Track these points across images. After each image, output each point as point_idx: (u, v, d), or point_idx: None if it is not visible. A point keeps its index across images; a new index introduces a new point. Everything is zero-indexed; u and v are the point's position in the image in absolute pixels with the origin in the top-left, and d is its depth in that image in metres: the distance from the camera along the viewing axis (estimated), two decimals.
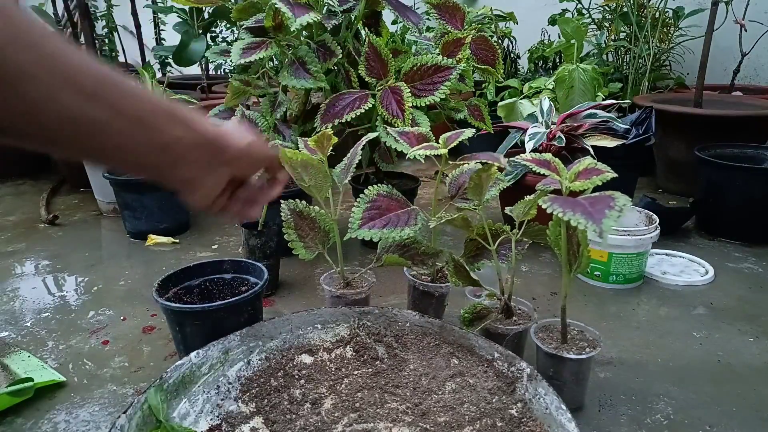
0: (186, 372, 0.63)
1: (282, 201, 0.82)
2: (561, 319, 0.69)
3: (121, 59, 2.62)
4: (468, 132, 0.77)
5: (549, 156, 0.65)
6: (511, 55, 2.44)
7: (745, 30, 1.76)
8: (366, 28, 1.09)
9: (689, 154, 1.37)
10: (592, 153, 1.15)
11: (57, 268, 1.17)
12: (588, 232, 0.51)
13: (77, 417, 0.71)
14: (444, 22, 1.09)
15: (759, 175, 1.22)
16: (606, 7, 2.05)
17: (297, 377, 0.67)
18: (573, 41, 1.77)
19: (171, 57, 1.75)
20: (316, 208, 0.82)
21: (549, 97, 1.40)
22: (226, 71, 2.71)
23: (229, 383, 0.65)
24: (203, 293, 0.84)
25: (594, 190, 0.57)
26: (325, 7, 1.01)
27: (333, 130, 0.82)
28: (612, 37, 2.04)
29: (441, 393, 0.64)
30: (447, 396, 0.63)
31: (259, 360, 0.69)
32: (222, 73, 2.74)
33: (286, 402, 0.63)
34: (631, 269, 1.03)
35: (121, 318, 0.96)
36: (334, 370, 0.68)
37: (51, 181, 1.76)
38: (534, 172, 0.65)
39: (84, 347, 0.87)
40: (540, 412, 0.59)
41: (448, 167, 0.80)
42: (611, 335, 0.89)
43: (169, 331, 0.82)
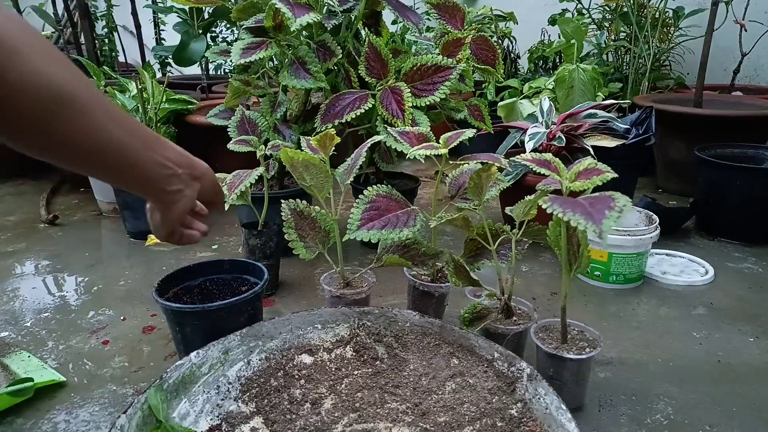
0: (186, 372, 0.63)
1: (282, 201, 0.82)
2: (561, 319, 0.69)
3: (121, 59, 2.63)
4: (468, 132, 0.77)
5: (549, 156, 0.65)
6: (511, 55, 2.44)
7: (745, 30, 1.76)
8: (366, 28, 1.09)
9: (689, 154, 1.37)
10: (592, 153, 1.15)
11: (57, 268, 1.17)
12: (588, 232, 0.51)
13: (77, 417, 0.71)
14: (444, 22, 1.09)
15: (759, 175, 1.22)
16: (606, 7, 2.05)
17: (297, 377, 0.67)
18: (573, 41, 1.77)
19: (171, 57, 1.75)
20: (316, 208, 0.82)
21: (549, 97, 1.40)
22: (226, 71, 2.71)
23: (229, 383, 0.65)
24: (203, 293, 0.84)
25: (594, 190, 0.57)
26: (325, 7, 1.01)
27: (333, 130, 0.82)
28: (612, 37, 2.04)
29: (441, 393, 0.64)
30: (447, 396, 0.63)
31: (259, 360, 0.69)
32: (222, 73, 2.74)
33: (286, 402, 0.63)
34: (631, 269, 1.03)
35: (121, 318, 0.96)
36: (334, 370, 0.68)
37: (51, 181, 1.76)
38: (534, 172, 0.65)
39: (84, 347, 0.87)
40: (540, 412, 0.59)
41: (448, 167, 0.80)
42: (611, 335, 0.89)
43: (169, 331, 0.82)
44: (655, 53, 1.84)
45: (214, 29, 2.25)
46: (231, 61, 1.00)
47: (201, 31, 1.68)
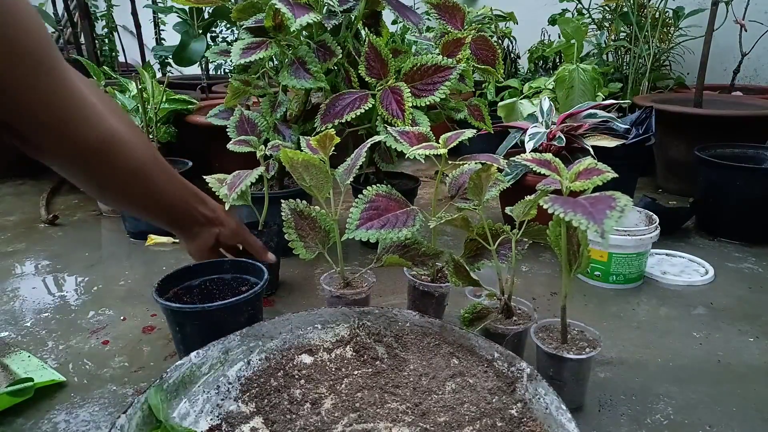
0: (186, 372, 0.63)
1: (282, 201, 0.82)
2: (561, 319, 0.69)
3: (121, 59, 2.63)
4: (468, 132, 0.77)
5: (549, 156, 0.65)
6: (511, 55, 2.44)
7: (745, 30, 1.76)
8: (366, 28, 1.09)
9: (689, 154, 1.37)
10: (592, 153, 1.15)
11: (57, 268, 1.17)
12: (589, 232, 0.51)
13: (77, 417, 0.71)
14: (444, 22, 1.09)
15: (759, 175, 1.22)
16: (606, 7, 2.05)
17: (297, 377, 0.67)
18: (573, 41, 1.78)
19: (171, 57, 1.75)
20: (316, 208, 0.82)
21: (549, 97, 1.40)
22: (226, 71, 2.71)
23: (229, 383, 0.65)
24: (203, 293, 0.84)
25: (594, 190, 0.57)
26: (325, 7, 1.01)
27: (333, 130, 0.82)
28: (612, 37, 2.04)
29: (441, 393, 0.64)
30: (447, 396, 0.63)
31: (259, 360, 0.69)
32: (222, 73, 2.74)
33: (286, 402, 0.63)
34: (631, 269, 1.03)
35: (121, 318, 0.96)
36: (334, 370, 0.68)
37: (51, 181, 1.76)
38: (534, 172, 0.65)
39: (84, 347, 0.87)
40: (540, 412, 0.59)
41: (448, 167, 0.80)
42: (611, 335, 0.89)
43: (169, 331, 0.82)
44: (655, 53, 1.84)
45: (214, 29, 2.25)
46: (231, 61, 1.00)
47: (201, 31, 1.68)
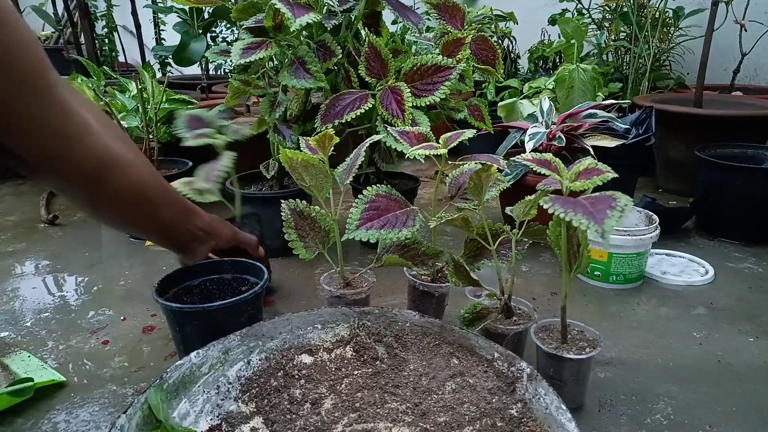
0: (186, 372, 0.63)
1: (282, 201, 0.82)
2: (561, 319, 0.69)
3: (121, 59, 2.63)
4: (468, 132, 0.77)
5: (549, 156, 0.65)
6: (511, 55, 2.44)
7: (745, 30, 1.76)
8: (366, 28, 1.09)
9: (689, 154, 1.37)
10: (592, 153, 1.15)
11: (57, 268, 1.17)
12: (589, 232, 0.51)
13: (77, 417, 0.71)
14: (444, 22, 1.09)
15: (759, 175, 1.22)
16: (606, 7, 2.05)
17: (297, 377, 0.67)
18: (573, 41, 1.77)
19: (171, 57, 1.75)
20: (316, 208, 0.82)
21: (549, 97, 1.40)
22: (226, 71, 2.71)
23: (229, 383, 0.65)
24: (203, 293, 0.84)
25: (594, 190, 0.57)
26: (325, 7, 1.01)
27: (333, 130, 0.82)
28: (612, 37, 2.04)
29: (441, 393, 0.64)
30: (447, 396, 0.63)
31: (259, 360, 0.69)
32: (222, 73, 2.74)
33: (286, 402, 0.63)
34: (631, 269, 1.03)
35: (121, 318, 0.96)
36: (334, 370, 0.68)
37: None
38: (534, 172, 0.65)
39: (84, 347, 0.87)
40: (540, 412, 0.59)
41: (448, 167, 0.80)
42: (611, 335, 0.89)
43: (169, 331, 0.82)
44: (655, 53, 1.84)
45: (214, 29, 2.25)
46: (231, 61, 1.00)
47: (201, 31, 1.68)
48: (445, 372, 0.67)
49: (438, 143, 0.76)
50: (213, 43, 2.23)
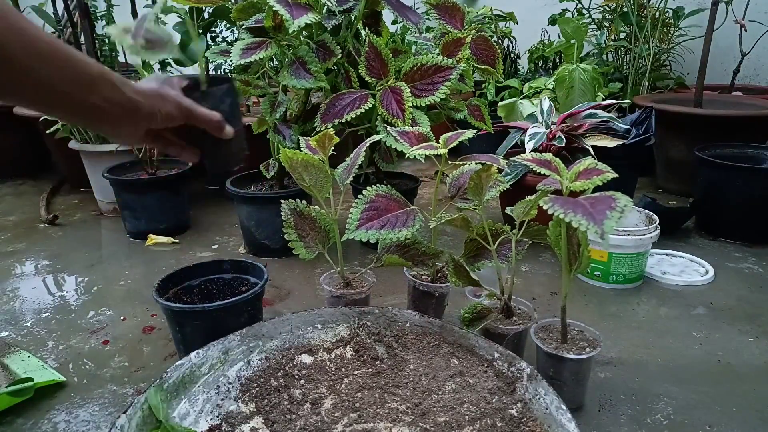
0: (186, 372, 0.63)
1: (282, 201, 0.82)
2: (561, 319, 0.69)
3: (121, 59, 2.63)
4: (468, 132, 0.77)
5: (549, 156, 0.65)
6: (511, 55, 2.44)
7: (745, 30, 1.76)
8: (366, 28, 1.09)
9: (689, 154, 1.37)
10: (592, 153, 1.15)
11: (57, 268, 1.17)
12: (589, 233, 0.51)
13: (77, 417, 0.71)
14: (444, 22, 1.09)
15: (759, 175, 1.22)
16: (606, 7, 2.05)
17: (297, 377, 0.67)
18: (573, 41, 1.77)
19: (171, 57, 1.75)
20: (316, 207, 0.82)
21: (549, 97, 1.40)
22: (226, 71, 2.71)
23: (229, 383, 0.65)
24: (203, 293, 0.84)
25: (594, 190, 0.57)
26: (325, 8, 1.01)
27: (333, 130, 0.82)
28: (612, 37, 2.04)
29: (441, 393, 0.64)
30: (447, 396, 0.63)
31: (259, 360, 0.69)
32: (222, 73, 2.74)
33: (286, 402, 0.63)
34: (631, 269, 1.03)
35: (121, 318, 0.96)
36: (334, 370, 0.68)
37: (51, 181, 1.76)
38: (534, 172, 0.65)
39: (84, 347, 0.87)
40: (540, 412, 0.59)
41: (448, 167, 0.80)
42: (611, 335, 0.89)
43: (169, 331, 0.82)
44: (655, 53, 1.84)
45: (214, 29, 2.25)
46: (231, 61, 1.00)
47: (201, 31, 1.68)
48: (445, 372, 0.67)
49: (438, 143, 0.76)
50: (213, 43, 2.23)
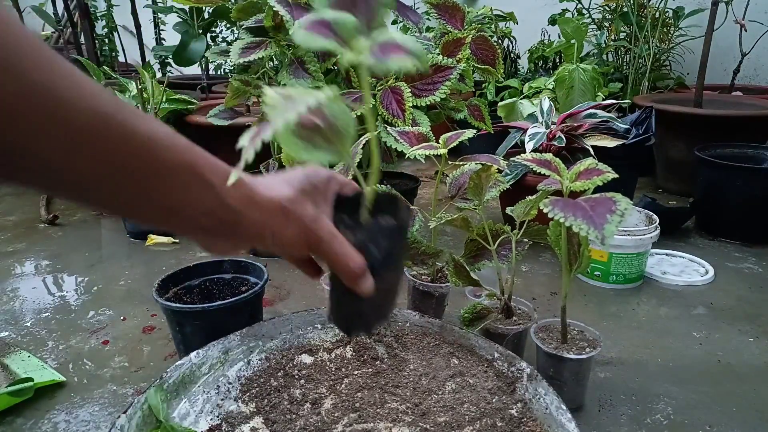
0: (186, 372, 0.63)
1: None
2: (561, 319, 0.69)
3: (121, 59, 2.63)
4: (468, 132, 0.77)
5: (549, 156, 0.65)
6: (511, 55, 2.44)
7: (745, 30, 1.76)
8: None
9: (689, 154, 1.37)
10: (592, 153, 1.15)
11: (57, 268, 1.17)
12: (589, 237, 0.51)
13: (77, 417, 0.71)
14: (444, 22, 1.09)
15: (759, 175, 1.22)
16: (606, 7, 2.05)
17: (297, 377, 0.67)
18: (573, 41, 1.77)
19: (171, 57, 1.75)
20: None
21: (549, 97, 1.40)
22: (226, 71, 2.71)
23: (229, 383, 0.65)
24: (203, 293, 0.84)
25: (594, 190, 0.57)
26: None
27: None
28: (612, 37, 2.04)
29: (441, 393, 0.64)
30: (447, 396, 0.63)
31: (259, 360, 0.69)
32: (222, 73, 2.74)
33: (286, 402, 0.63)
34: (631, 269, 1.03)
35: (121, 318, 0.96)
36: (334, 370, 0.68)
37: None
38: (534, 172, 0.65)
39: (84, 347, 0.87)
40: (540, 412, 0.59)
41: (448, 167, 0.80)
42: (611, 335, 0.89)
43: (169, 331, 0.82)
44: (655, 53, 1.84)
45: (214, 29, 2.25)
46: (231, 61, 1.00)
47: (201, 31, 1.68)
48: (445, 372, 0.67)
49: (438, 143, 0.76)
50: (213, 43, 2.23)
